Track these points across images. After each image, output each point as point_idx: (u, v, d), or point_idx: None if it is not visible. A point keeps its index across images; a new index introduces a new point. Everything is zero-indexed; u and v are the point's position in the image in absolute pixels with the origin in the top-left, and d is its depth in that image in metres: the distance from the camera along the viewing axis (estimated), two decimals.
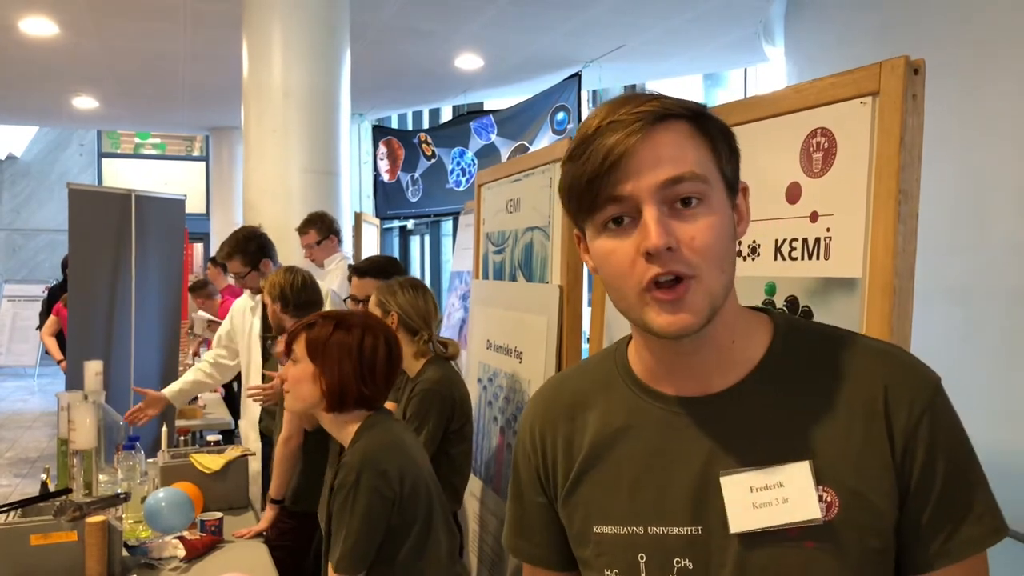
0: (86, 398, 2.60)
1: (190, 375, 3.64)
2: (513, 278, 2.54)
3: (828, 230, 1.31)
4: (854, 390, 0.81)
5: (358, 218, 6.06)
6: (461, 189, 9.03)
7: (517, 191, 2.51)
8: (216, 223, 11.66)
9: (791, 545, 0.79)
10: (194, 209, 7.19)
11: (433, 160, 9.51)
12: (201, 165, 14.24)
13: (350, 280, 3.17)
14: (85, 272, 4.28)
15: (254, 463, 3.15)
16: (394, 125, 11.36)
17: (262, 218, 4.43)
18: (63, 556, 2.00)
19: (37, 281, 12.18)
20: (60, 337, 6.13)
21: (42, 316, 7.06)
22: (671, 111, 0.79)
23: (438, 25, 6.55)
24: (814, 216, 1.34)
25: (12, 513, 2.17)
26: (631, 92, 0.88)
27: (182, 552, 2.28)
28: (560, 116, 7.66)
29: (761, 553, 0.80)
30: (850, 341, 0.86)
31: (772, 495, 0.80)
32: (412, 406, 2.35)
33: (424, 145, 9.61)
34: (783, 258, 1.40)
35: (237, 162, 10.62)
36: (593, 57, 7.40)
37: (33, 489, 4.21)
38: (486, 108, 9.28)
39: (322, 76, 4.90)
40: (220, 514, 2.46)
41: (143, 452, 2.68)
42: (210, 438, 3.10)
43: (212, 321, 5.79)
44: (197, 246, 12.14)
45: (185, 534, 2.38)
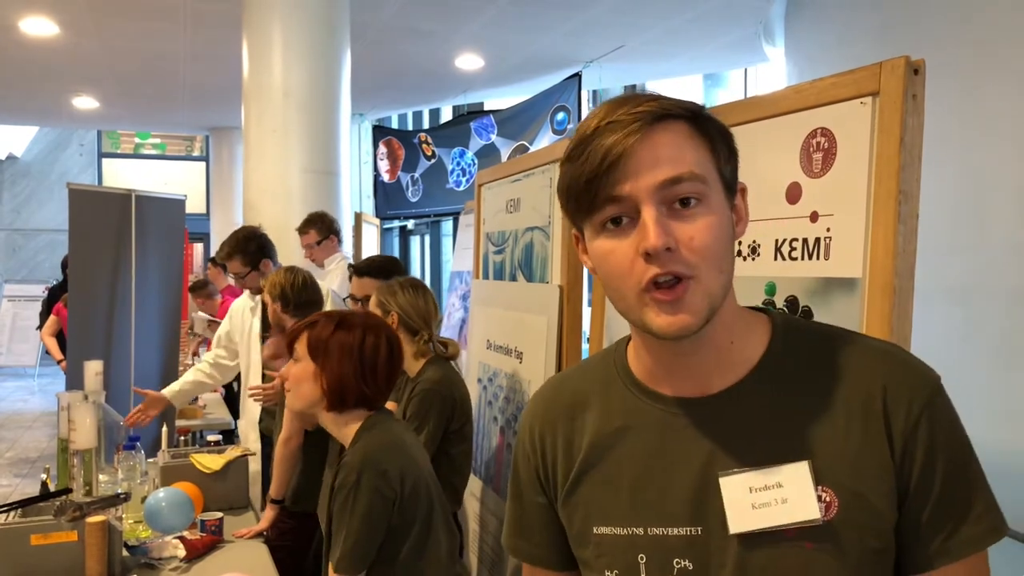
0: (86, 398, 2.60)
1: (190, 375, 3.64)
2: (513, 278, 2.54)
3: (828, 230, 1.31)
4: (853, 389, 0.81)
5: (358, 218, 6.06)
6: (461, 189, 9.03)
7: (517, 191, 2.51)
8: (216, 223, 11.67)
9: (790, 545, 0.79)
10: (194, 209, 7.19)
11: (433, 160, 9.51)
12: (201, 165, 14.24)
13: (350, 280, 3.17)
14: (85, 272, 4.28)
15: (254, 463, 3.15)
16: (394, 125, 11.36)
17: (262, 218, 4.43)
18: (63, 556, 2.00)
19: (37, 281, 12.18)
20: (60, 337, 6.14)
21: (42, 316, 7.07)
22: (670, 111, 0.79)
23: (438, 25, 6.55)
24: (814, 216, 1.34)
25: (12, 513, 2.17)
26: (630, 92, 0.88)
27: (182, 552, 2.28)
28: (560, 116, 7.66)
29: (760, 554, 0.80)
30: (849, 340, 0.86)
31: (771, 495, 0.80)
32: (412, 406, 2.35)
33: (424, 145, 9.61)
34: (783, 258, 1.40)
35: (237, 162, 10.62)
36: (593, 57, 7.40)
37: (33, 489, 4.21)
38: (486, 108, 9.28)
39: (322, 76, 4.90)
40: (220, 514, 2.46)
41: (143, 452, 2.68)
42: (210, 438, 3.11)
43: (212, 321, 5.79)
44: (197, 246, 12.14)
45: (185, 534, 2.38)
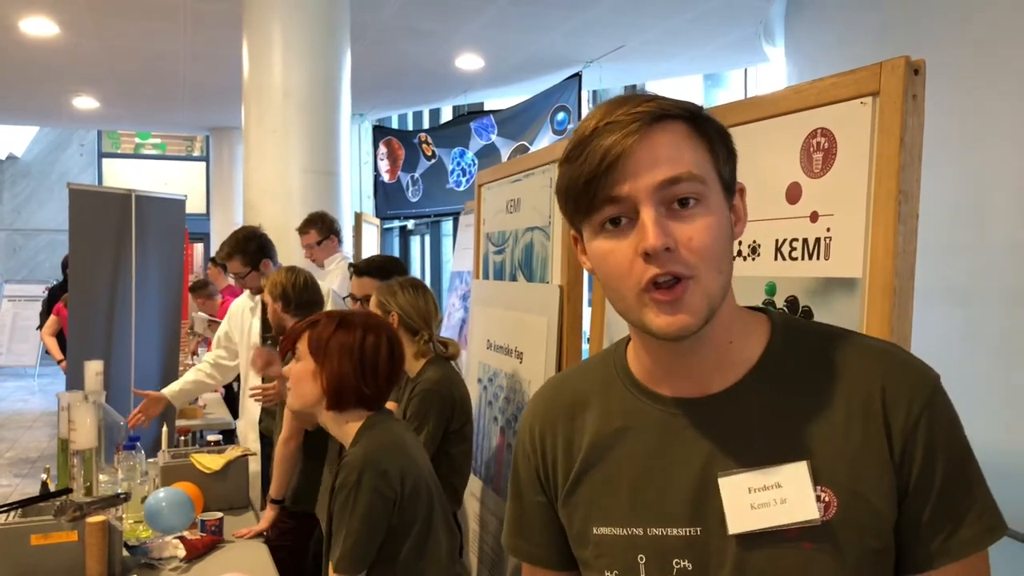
0: (86, 398, 2.60)
1: (191, 375, 3.64)
2: (513, 278, 2.54)
3: (828, 230, 1.31)
4: (852, 389, 0.81)
5: (358, 218, 6.06)
6: (461, 189, 9.03)
7: (517, 191, 2.51)
8: (216, 223, 11.67)
9: (789, 546, 0.79)
10: (194, 209, 7.18)
11: (433, 160, 9.51)
12: (201, 165, 14.25)
13: (351, 280, 3.17)
14: (85, 272, 4.28)
15: (254, 463, 3.15)
16: (394, 125, 11.36)
17: (262, 218, 4.44)
18: (63, 556, 2.00)
19: (37, 281, 12.18)
20: (60, 337, 6.14)
21: (42, 316, 7.07)
22: (668, 112, 0.79)
23: (438, 25, 6.55)
24: (814, 216, 1.34)
25: (12, 513, 2.17)
26: (629, 93, 0.88)
27: (182, 552, 2.28)
28: (560, 116, 7.66)
29: (760, 554, 0.80)
30: (848, 340, 0.85)
31: (770, 496, 0.79)
32: (412, 406, 2.35)
33: (424, 145, 9.61)
34: (783, 258, 1.40)
35: (237, 162, 10.63)
36: (593, 57, 7.40)
37: (33, 489, 4.21)
38: (486, 108, 9.28)
39: (322, 76, 4.90)
40: (220, 514, 2.46)
41: (143, 452, 2.68)
42: (210, 438, 3.11)
43: (212, 321, 5.79)
44: (197, 246, 12.14)
45: (185, 534, 2.38)
